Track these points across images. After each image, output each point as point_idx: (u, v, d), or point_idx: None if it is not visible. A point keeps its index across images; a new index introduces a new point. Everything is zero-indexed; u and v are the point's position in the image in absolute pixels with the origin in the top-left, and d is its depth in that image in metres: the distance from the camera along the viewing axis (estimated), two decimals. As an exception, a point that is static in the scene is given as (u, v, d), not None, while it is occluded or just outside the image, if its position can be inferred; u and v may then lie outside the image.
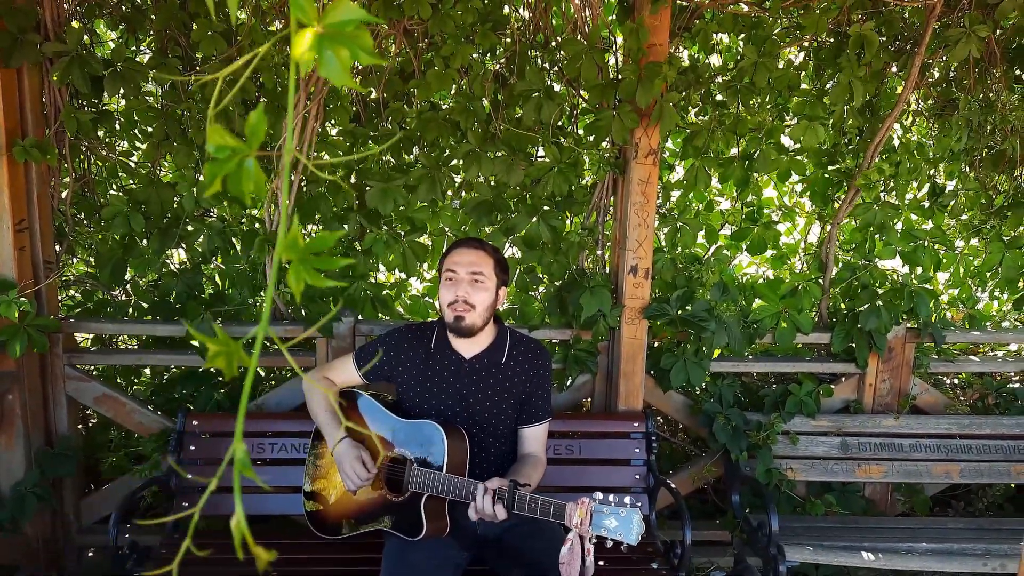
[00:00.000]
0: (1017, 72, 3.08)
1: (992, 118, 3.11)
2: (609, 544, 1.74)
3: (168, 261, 3.01)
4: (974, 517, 3.11)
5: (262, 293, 2.92)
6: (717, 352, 2.98)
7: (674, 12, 2.65)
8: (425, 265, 3.13)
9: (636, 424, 2.69)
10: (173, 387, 3.03)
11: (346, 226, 2.78)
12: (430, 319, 2.81)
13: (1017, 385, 3.22)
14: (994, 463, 2.94)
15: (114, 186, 3.08)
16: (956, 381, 3.50)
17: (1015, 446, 2.95)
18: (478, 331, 2.11)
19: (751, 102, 2.82)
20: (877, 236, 2.99)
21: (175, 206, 2.77)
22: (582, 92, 2.83)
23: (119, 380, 3.16)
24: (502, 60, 2.79)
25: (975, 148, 3.20)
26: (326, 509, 2.21)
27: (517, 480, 1.91)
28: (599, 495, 1.78)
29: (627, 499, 1.76)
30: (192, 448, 2.51)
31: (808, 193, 3.23)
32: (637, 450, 2.66)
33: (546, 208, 2.78)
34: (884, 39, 2.92)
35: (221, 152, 0.61)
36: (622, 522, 1.71)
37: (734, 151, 2.87)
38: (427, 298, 3.30)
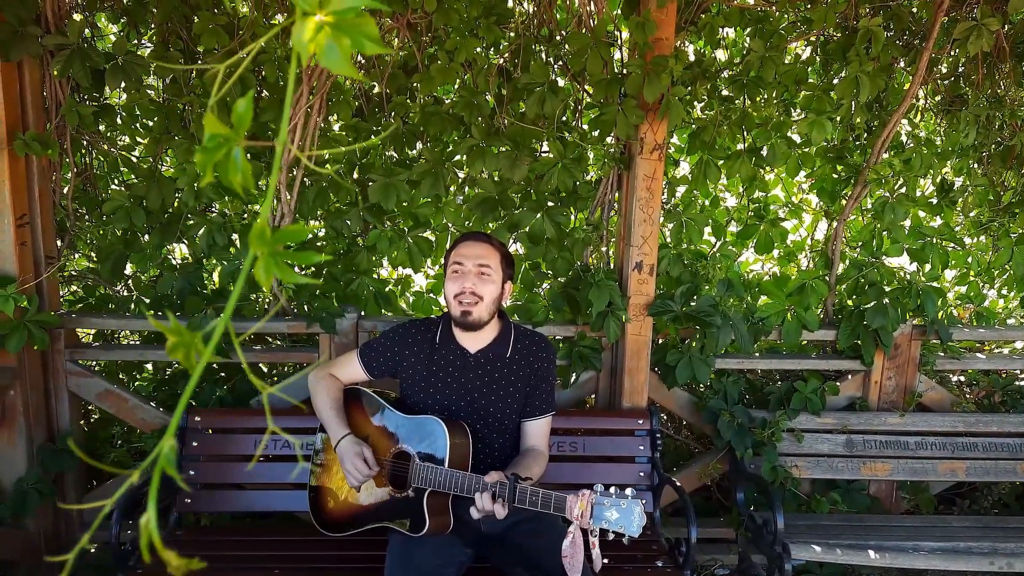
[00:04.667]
0: (1026, 67, 3.05)
1: (1001, 114, 3.09)
2: (611, 537, 1.71)
3: (170, 256, 2.99)
4: (980, 515, 3.09)
5: (263, 289, 2.90)
6: (723, 349, 2.96)
7: (680, 6, 2.63)
8: (429, 261, 3.11)
9: (640, 421, 2.68)
10: (175, 383, 3.02)
11: (349, 221, 2.76)
12: (434, 315, 2.79)
13: (1023, 383, 3.20)
14: (1000, 461, 2.92)
15: (115, 181, 3.07)
16: (962, 379, 3.48)
17: (1021, 444, 2.93)
18: (484, 324, 2.10)
19: (757, 97, 2.80)
20: (884, 233, 2.97)
21: (176, 201, 2.76)
22: (587, 87, 2.80)
23: (121, 376, 3.15)
24: (506, 54, 2.76)
25: (984, 144, 3.17)
26: (330, 506, 2.19)
27: (518, 473, 1.89)
28: (600, 487, 1.75)
29: (628, 491, 1.74)
30: (195, 444, 2.50)
31: (815, 190, 3.20)
32: (641, 447, 2.65)
33: (550, 204, 2.76)
34: (892, 33, 2.89)
35: (213, 141, 0.60)
36: (623, 514, 1.69)
37: (740, 146, 2.84)
38: (431, 294, 3.28)
